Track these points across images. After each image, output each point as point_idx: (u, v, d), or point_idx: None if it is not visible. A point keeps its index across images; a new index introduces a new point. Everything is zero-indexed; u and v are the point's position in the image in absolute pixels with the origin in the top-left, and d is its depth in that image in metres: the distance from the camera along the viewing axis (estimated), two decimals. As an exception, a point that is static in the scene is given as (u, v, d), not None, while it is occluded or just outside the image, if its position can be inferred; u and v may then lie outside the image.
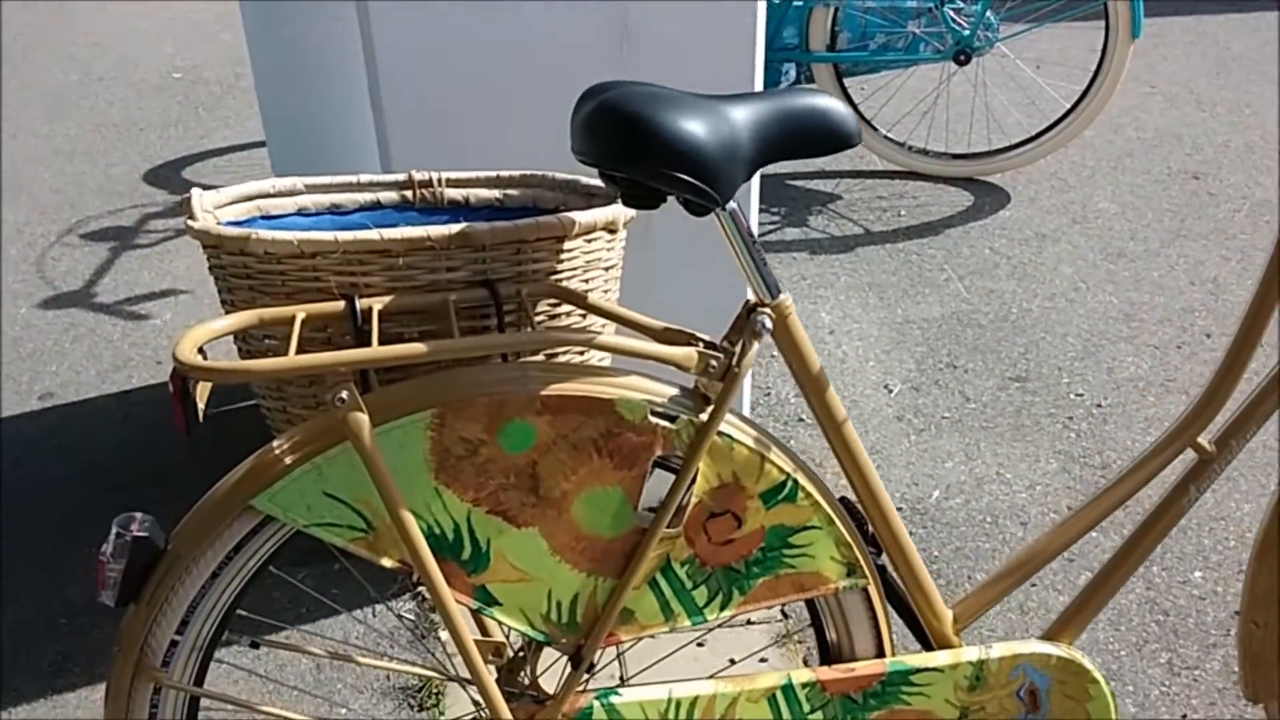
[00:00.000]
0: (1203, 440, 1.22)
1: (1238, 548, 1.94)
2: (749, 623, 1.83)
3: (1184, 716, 1.63)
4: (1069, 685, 1.20)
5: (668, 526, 1.10)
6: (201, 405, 0.99)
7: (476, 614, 1.19)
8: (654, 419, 1.07)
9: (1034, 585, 1.88)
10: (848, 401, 2.35)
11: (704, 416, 1.07)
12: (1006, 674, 1.19)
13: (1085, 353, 2.47)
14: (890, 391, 2.38)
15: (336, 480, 1.04)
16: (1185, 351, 2.45)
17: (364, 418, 0.99)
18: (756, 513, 1.12)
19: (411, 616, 1.83)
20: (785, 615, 1.86)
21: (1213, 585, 1.87)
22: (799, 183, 3.35)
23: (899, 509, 2.06)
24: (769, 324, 1.08)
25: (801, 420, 2.31)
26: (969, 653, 1.19)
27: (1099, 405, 2.30)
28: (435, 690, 1.70)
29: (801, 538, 1.14)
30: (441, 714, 1.66)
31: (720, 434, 1.09)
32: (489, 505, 1.06)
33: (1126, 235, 2.97)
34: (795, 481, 1.12)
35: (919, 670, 1.18)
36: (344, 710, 1.66)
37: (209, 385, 1.02)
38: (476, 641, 1.06)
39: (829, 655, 1.22)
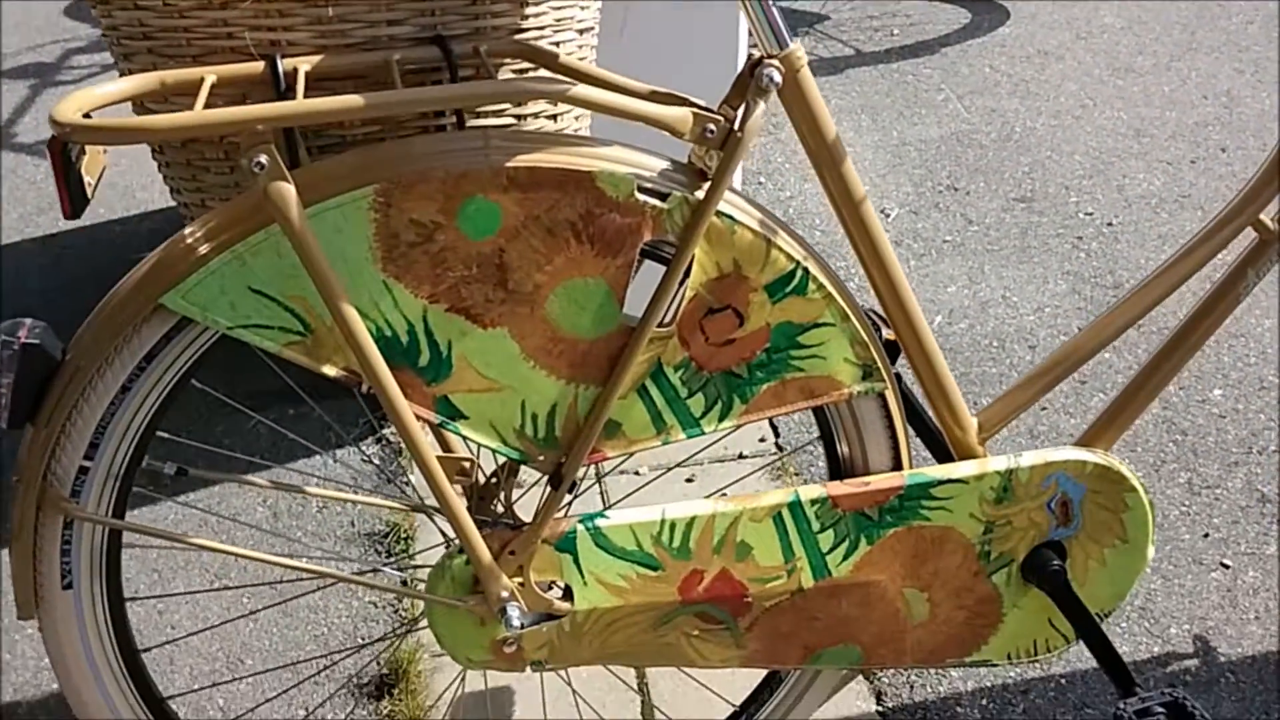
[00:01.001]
0: (1265, 218, 1.07)
1: (1258, 364, 1.82)
2: (741, 457, 1.71)
3: (1206, 535, 1.54)
4: (1104, 495, 1.08)
5: (659, 325, 0.94)
6: (90, 180, 0.81)
7: (440, 432, 1.05)
8: (642, 196, 0.91)
9: (1044, 408, 1.76)
10: (841, 230, 2.19)
11: (700, 194, 0.91)
12: (1038, 484, 1.06)
13: (1094, 171, 2.31)
14: (888, 216, 2.22)
15: (263, 272, 0.87)
16: (1200, 167, 2.29)
17: (289, 189, 0.82)
18: (761, 307, 0.96)
19: (378, 461, 1.69)
20: (780, 448, 1.74)
21: (1233, 403, 1.75)
22: (782, 3, 3.11)
23: (899, 335, 1.92)
24: (777, 78, 0.90)
25: (792, 247, 2.15)
26: (997, 462, 1.06)
27: (1109, 224, 2.15)
28: (404, 534, 1.57)
29: (812, 336, 0.99)
30: (411, 559, 1.54)
31: (719, 214, 0.93)
32: (448, 302, 0.91)
33: (1134, 50, 2.77)
34: (806, 270, 0.96)
35: (941, 482, 1.05)
36: (304, 559, 1.53)
37: (100, 157, 0.84)
38: (440, 459, 0.91)
39: (840, 471, 1.08)
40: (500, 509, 1.09)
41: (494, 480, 1.08)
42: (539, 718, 1.32)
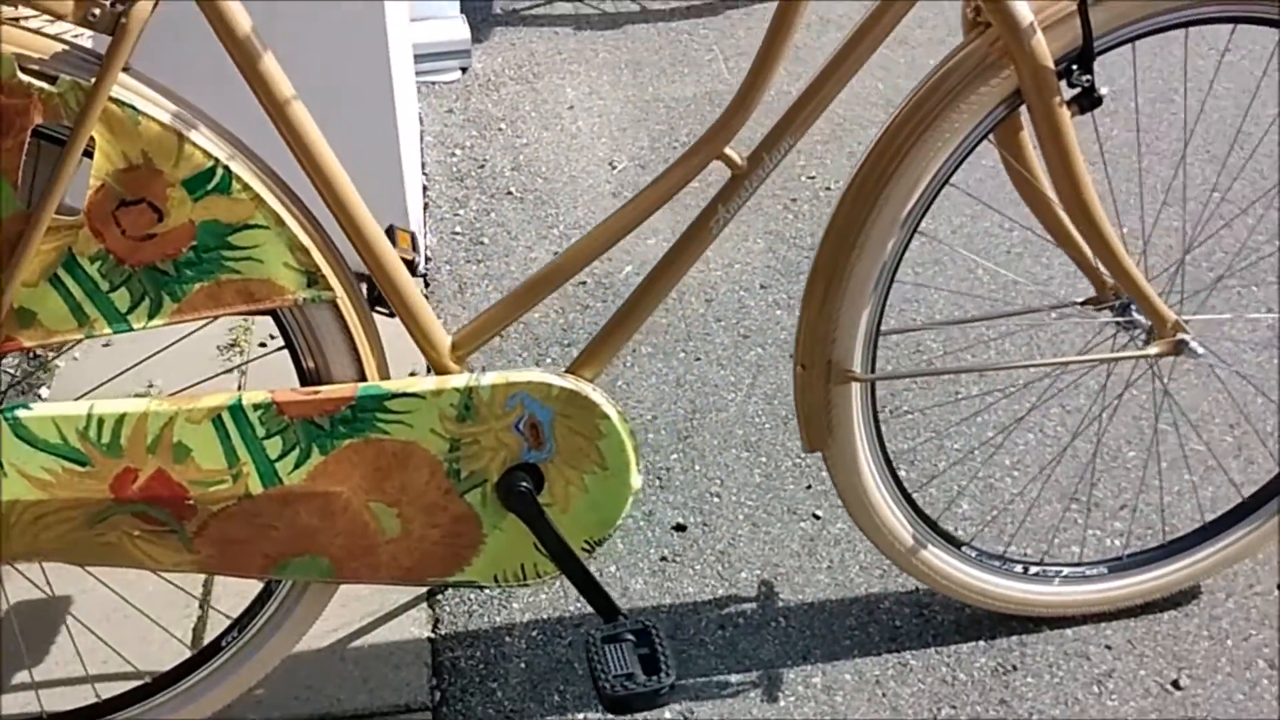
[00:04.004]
0: (731, 152, 1.08)
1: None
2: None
3: (809, 487, 1.56)
4: (575, 420, 1.09)
5: (63, 213, 0.93)
6: None
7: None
8: (26, 78, 0.89)
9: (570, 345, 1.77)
10: (565, 177, 2.19)
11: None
12: (501, 404, 1.07)
13: (832, 136, 2.33)
14: (614, 168, 2.22)
15: None
16: (933, 140, 2.31)
17: None
18: (181, 204, 0.96)
19: None
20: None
21: (881, 365, 1.78)
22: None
23: (584, 283, 1.93)
24: (161, -34, 0.90)
25: (509, 194, 2.14)
26: (456, 379, 1.06)
27: (828, 188, 2.17)
28: None
29: (243, 238, 0.98)
30: None
31: (122, 104, 0.92)
32: None
33: (913, 22, 2.79)
34: (227, 170, 0.96)
35: (396, 396, 1.05)
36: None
37: None
38: None
39: (308, 382, 1.08)
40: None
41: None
42: (99, 628, 1.31)
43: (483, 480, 1.10)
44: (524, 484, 1.10)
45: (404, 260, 1.12)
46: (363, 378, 1.08)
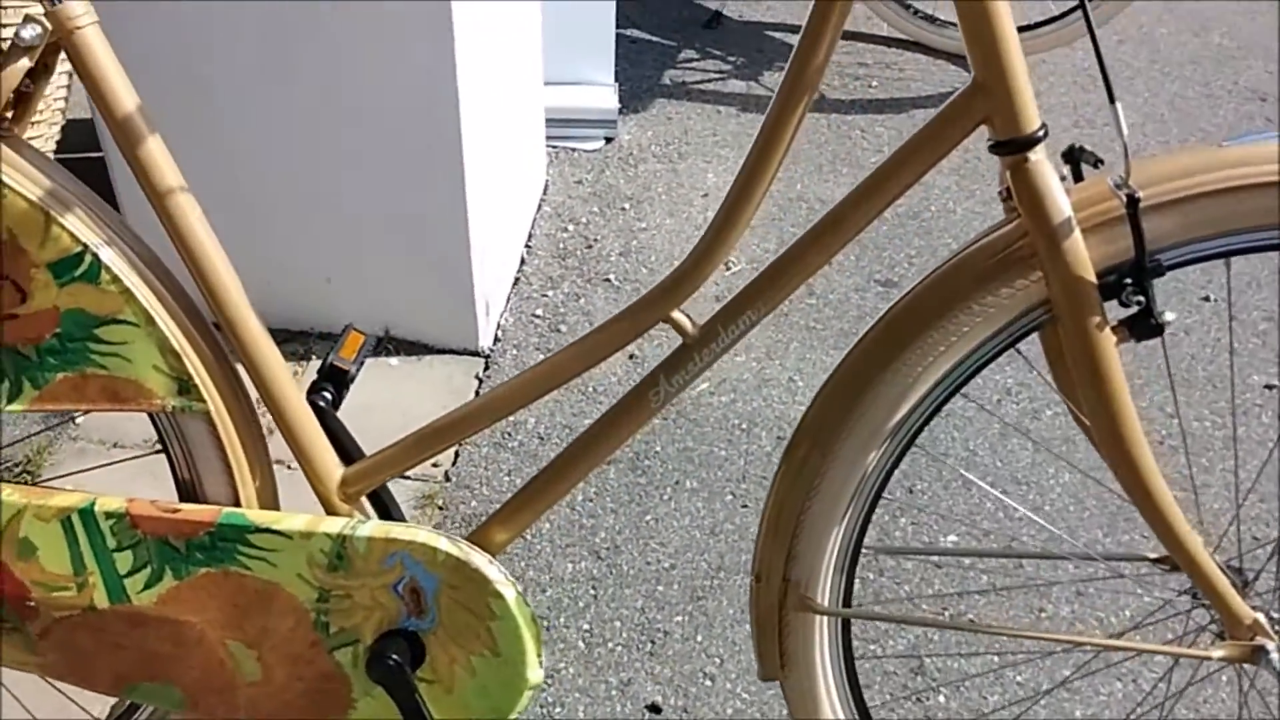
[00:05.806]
0: (681, 315, 0.89)
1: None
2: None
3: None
4: (463, 593, 0.93)
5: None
6: None
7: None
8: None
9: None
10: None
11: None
12: (379, 560, 0.92)
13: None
14: (728, 269, 2.04)
15: None
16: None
17: None
18: (46, 288, 0.87)
19: None
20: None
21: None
22: (778, 35, 2.92)
23: (651, 392, 1.75)
24: (30, 34, 0.81)
25: (607, 281, 2.00)
26: (330, 524, 0.92)
27: (960, 328, 1.90)
28: None
29: (111, 333, 0.89)
30: None
31: (-11, 176, 0.84)
32: None
33: (1103, 147, 2.45)
34: (96, 258, 0.86)
35: (260, 530, 0.92)
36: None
37: None
38: None
39: (184, 496, 0.98)
40: None
41: None
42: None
43: (354, 640, 0.95)
44: (394, 657, 0.94)
45: (337, 369, 1.00)
46: (237, 502, 0.96)
